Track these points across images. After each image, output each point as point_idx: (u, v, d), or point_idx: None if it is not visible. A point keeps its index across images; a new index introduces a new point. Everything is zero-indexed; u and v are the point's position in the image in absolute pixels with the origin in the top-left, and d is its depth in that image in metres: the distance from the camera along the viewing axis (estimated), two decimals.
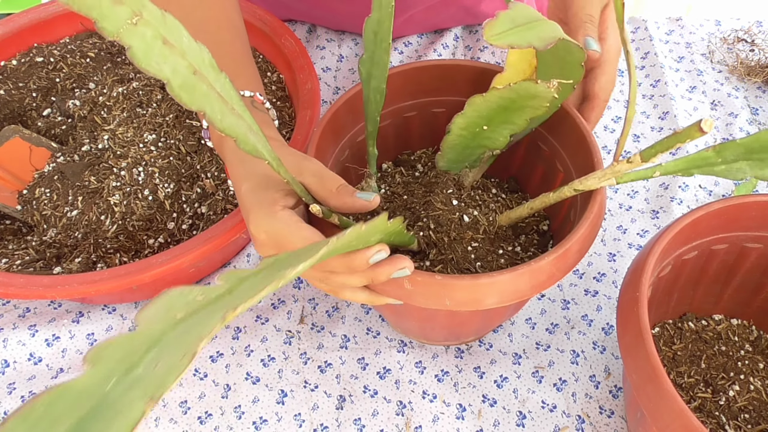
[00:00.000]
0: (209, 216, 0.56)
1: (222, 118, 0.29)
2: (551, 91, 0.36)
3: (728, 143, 0.35)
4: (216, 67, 0.29)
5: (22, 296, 0.47)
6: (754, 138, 0.34)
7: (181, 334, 0.20)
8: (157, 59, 0.25)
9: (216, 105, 0.29)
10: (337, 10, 0.75)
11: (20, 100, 0.65)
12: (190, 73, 0.27)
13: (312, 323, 0.56)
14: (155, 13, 0.25)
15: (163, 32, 0.26)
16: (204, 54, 0.28)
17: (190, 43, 0.27)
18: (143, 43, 0.25)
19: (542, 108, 0.39)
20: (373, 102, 0.45)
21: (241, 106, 0.31)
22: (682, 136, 0.33)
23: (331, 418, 0.51)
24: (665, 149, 0.35)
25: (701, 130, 0.32)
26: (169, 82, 0.26)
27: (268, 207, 0.37)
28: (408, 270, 0.36)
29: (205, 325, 0.19)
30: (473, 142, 0.46)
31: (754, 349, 0.51)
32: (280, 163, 0.34)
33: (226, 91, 0.30)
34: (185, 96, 0.27)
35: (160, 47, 0.25)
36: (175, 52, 0.26)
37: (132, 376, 0.18)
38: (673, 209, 0.62)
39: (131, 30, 0.24)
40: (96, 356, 0.19)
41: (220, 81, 0.30)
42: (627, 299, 0.40)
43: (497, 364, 0.53)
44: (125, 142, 0.59)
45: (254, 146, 0.32)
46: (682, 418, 0.34)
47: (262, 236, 0.38)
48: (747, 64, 0.74)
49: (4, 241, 0.56)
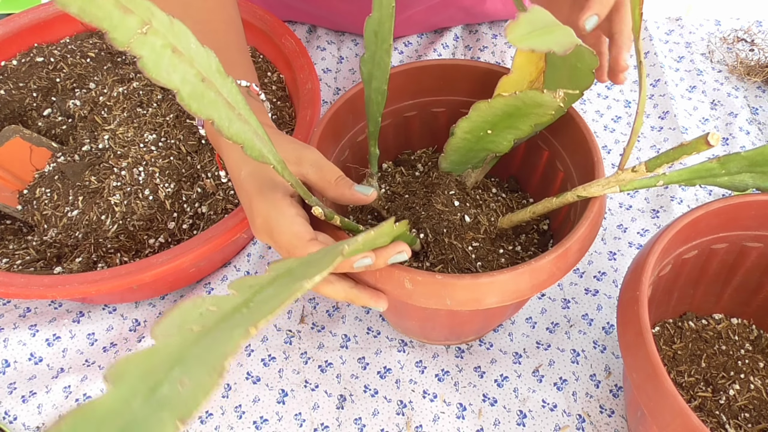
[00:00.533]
0: (210, 216, 0.57)
1: (230, 125, 0.29)
2: (557, 101, 0.36)
3: (732, 155, 0.35)
4: (223, 72, 0.29)
5: (23, 296, 0.47)
6: (759, 151, 0.34)
7: (203, 350, 0.19)
8: (167, 68, 0.25)
9: (224, 112, 0.29)
10: (337, 10, 0.75)
11: (20, 100, 0.65)
12: (198, 80, 0.27)
13: (312, 323, 0.56)
14: (164, 20, 0.26)
15: (172, 40, 0.26)
16: (211, 60, 0.29)
17: (198, 49, 0.28)
18: (153, 53, 0.25)
19: (547, 116, 0.39)
20: (375, 102, 0.45)
21: (247, 111, 0.31)
22: (689, 149, 0.33)
23: (331, 418, 0.51)
24: (671, 160, 0.35)
25: (708, 143, 0.32)
26: (179, 92, 0.26)
27: (270, 192, 0.38)
28: (406, 254, 0.37)
29: (229, 341, 0.19)
30: (477, 145, 0.46)
31: (754, 349, 0.51)
32: (285, 167, 0.34)
33: (233, 96, 0.30)
34: (194, 105, 0.27)
35: (169, 56, 0.26)
36: (184, 60, 0.26)
37: (158, 395, 0.18)
38: (673, 208, 0.62)
39: (141, 40, 0.24)
40: (117, 374, 0.18)
41: (227, 86, 0.30)
42: (627, 298, 0.40)
43: (498, 363, 0.53)
44: (126, 142, 0.60)
45: (261, 152, 0.32)
46: (683, 416, 0.34)
47: (259, 221, 0.38)
48: (747, 63, 0.74)
49: (4, 241, 0.57)
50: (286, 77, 0.66)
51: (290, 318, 0.56)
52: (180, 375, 0.18)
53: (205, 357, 0.19)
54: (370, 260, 0.35)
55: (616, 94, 0.73)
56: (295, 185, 0.36)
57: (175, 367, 0.19)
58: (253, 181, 0.39)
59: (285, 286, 0.23)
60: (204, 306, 0.22)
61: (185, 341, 0.20)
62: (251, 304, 0.22)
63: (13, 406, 0.50)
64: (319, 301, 0.58)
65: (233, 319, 0.21)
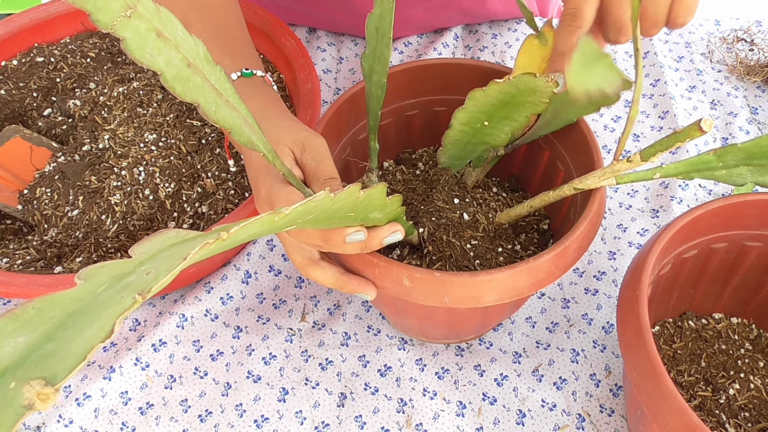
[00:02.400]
0: (210, 215, 0.57)
1: (216, 110, 0.29)
2: (550, 85, 0.37)
3: (729, 147, 0.35)
4: (211, 60, 0.29)
5: (24, 295, 0.47)
6: (755, 143, 0.34)
7: (173, 252, 0.20)
8: (150, 51, 0.26)
9: (210, 97, 0.29)
10: (335, 12, 0.75)
11: (21, 100, 0.65)
12: (184, 65, 0.27)
13: (313, 321, 0.56)
14: (149, 6, 0.26)
15: (158, 25, 0.26)
16: (199, 47, 0.29)
17: (184, 36, 0.28)
18: (137, 35, 0.25)
19: (542, 104, 0.39)
20: (375, 96, 0.45)
21: (236, 99, 0.31)
22: (682, 136, 0.33)
23: (332, 416, 0.51)
24: (665, 148, 0.35)
25: (701, 130, 0.32)
26: (163, 74, 0.26)
27: (276, 169, 0.39)
28: (400, 234, 0.37)
29: (197, 244, 0.20)
30: (474, 138, 0.46)
31: (754, 348, 0.51)
32: (276, 156, 0.35)
33: (221, 83, 0.30)
34: (179, 87, 0.27)
35: (154, 39, 0.26)
36: (169, 44, 0.27)
37: (124, 282, 0.19)
38: (673, 208, 0.62)
39: (125, 23, 0.25)
40: (89, 273, 0.19)
41: (215, 74, 0.30)
42: (627, 298, 0.40)
43: (497, 362, 0.53)
44: (126, 141, 0.60)
45: (249, 138, 0.32)
46: (683, 416, 0.34)
47: (263, 193, 0.39)
48: (746, 63, 0.74)
49: (4, 240, 0.57)
50: (286, 77, 0.67)
51: (291, 316, 0.56)
52: (148, 268, 0.19)
53: (174, 254, 0.20)
54: (363, 235, 0.35)
55: None
56: (287, 175, 0.36)
57: (145, 263, 0.20)
58: (263, 158, 0.40)
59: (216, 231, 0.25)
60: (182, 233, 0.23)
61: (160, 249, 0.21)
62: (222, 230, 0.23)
63: None
64: (320, 299, 0.58)
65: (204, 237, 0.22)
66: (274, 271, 0.60)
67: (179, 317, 0.55)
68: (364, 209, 0.33)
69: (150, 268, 0.19)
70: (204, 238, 0.20)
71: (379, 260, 0.39)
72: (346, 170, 0.54)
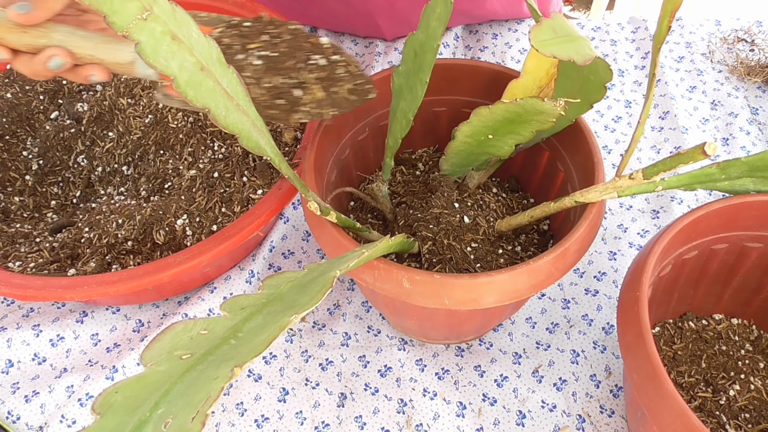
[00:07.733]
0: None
1: (226, 115, 0.29)
2: (557, 109, 0.36)
3: (733, 161, 0.35)
4: (224, 62, 0.29)
5: (42, 298, 0.46)
6: (759, 157, 0.34)
7: (188, 386, 0.19)
8: (165, 55, 0.25)
9: (221, 101, 0.29)
10: (335, 11, 0.75)
11: (27, 104, 0.65)
12: (197, 69, 0.27)
13: (313, 321, 0.57)
14: (165, 7, 0.25)
15: (173, 27, 0.26)
16: (212, 49, 0.29)
17: (199, 38, 0.28)
18: (152, 39, 0.25)
19: (548, 123, 0.39)
20: (400, 125, 0.45)
21: (245, 101, 0.31)
22: (685, 158, 0.33)
23: (332, 416, 0.51)
24: (668, 169, 0.35)
25: (704, 153, 0.32)
26: (176, 79, 0.26)
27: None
28: (60, 59, 0.33)
29: (214, 380, 0.19)
30: (478, 149, 0.46)
31: (754, 349, 0.51)
32: (282, 160, 0.35)
33: (233, 86, 0.30)
34: (191, 92, 0.27)
35: (168, 43, 0.26)
36: (184, 48, 0.26)
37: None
38: (673, 209, 0.62)
39: (140, 26, 0.24)
40: (105, 404, 0.18)
41: (227, 76, 0.30)
42: (627, 298, 0.41)
43: (497, 363, 0.53)
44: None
45: (257, 143, 0.32)
46: (683, 417, 0.34)
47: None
48: (747, 63, 0.74)
49: (16, 243, 0.56)
50: None
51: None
52: (165, 415, 0.19)
53: (190, 398, 0.19)
54: (61, 60, 0.32)
55: (617, 94, 0.74)
56: (292, 179, 0.36)
57: (161, 404, 0.19)
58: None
59: (274, 318, 0.24)
60: (195, 330, 0.22)
61: (172, 371, 0.20)
62: (240, 334, 0.22)
63: (16, 405, 0.51)
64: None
65: (221, 350, 0.21)
66: (275, 270, 0.60)
67: (182, 317, 0.55)
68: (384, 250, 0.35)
69: (167, 414, 0.18)
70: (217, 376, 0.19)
71: (379, 262, 0.39)
72: (345, 173, 0.54)
